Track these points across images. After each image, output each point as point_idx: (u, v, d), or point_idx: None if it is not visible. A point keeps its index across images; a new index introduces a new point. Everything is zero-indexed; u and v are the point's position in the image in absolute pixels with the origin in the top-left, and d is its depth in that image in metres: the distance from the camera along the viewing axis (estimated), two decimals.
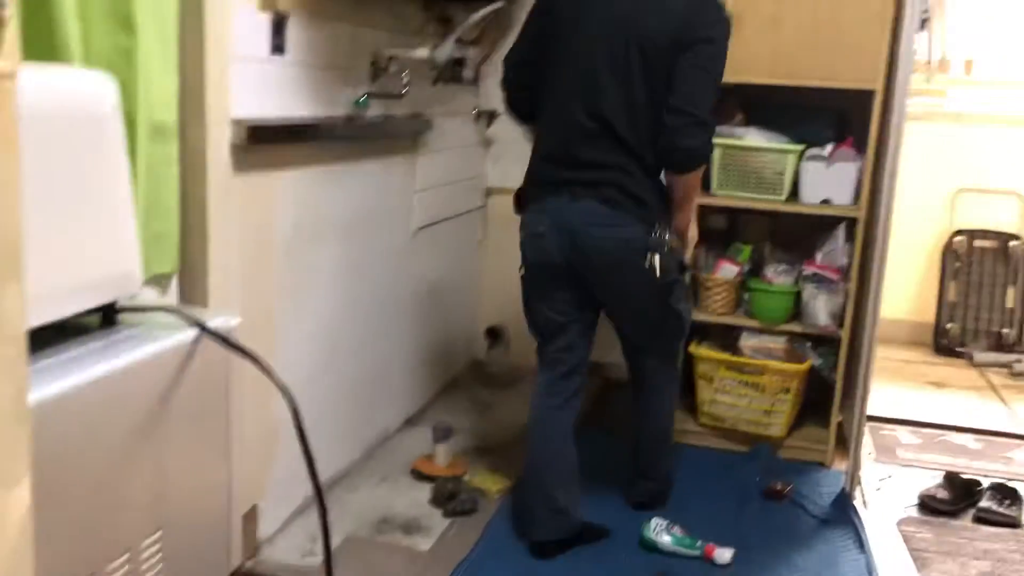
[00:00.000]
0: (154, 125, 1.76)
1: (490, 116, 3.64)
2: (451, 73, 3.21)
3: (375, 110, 2.70)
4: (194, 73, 1.88)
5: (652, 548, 2.41)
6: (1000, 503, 2.76)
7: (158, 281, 1.87)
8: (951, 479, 2.88)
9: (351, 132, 2.57)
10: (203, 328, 1.05)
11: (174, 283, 1.92)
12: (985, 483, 2.89)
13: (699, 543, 2.40)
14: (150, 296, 1.79)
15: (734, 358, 3.08)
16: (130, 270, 1.31)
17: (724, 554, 2.37)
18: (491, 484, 2.72)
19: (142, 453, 1.02)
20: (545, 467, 2.44)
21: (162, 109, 1.78)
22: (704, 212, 3.28)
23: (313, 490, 1.17)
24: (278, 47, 2.17)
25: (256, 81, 2.10)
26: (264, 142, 2.10)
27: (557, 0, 2.36)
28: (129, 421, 0.99)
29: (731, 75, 2.97)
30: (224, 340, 1.07)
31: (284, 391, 1.10)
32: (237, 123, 2.00)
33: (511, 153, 3.74)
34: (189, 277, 1.96)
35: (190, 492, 1.13)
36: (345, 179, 2.59)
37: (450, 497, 2.60)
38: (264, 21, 2.11)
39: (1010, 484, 2.87)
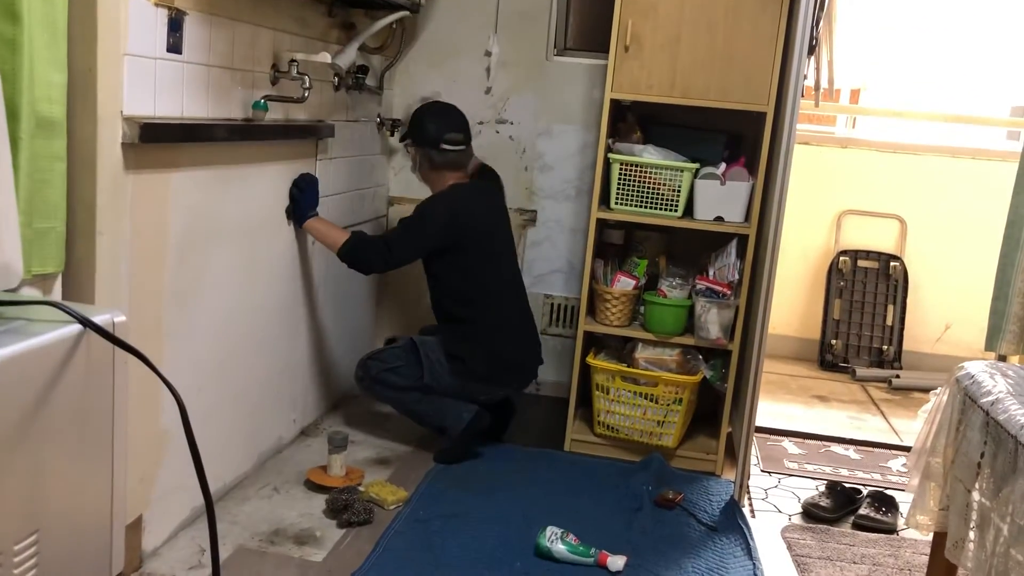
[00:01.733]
0: (40, 119, 1.70)
1: (393, 124, 3.63)
2: (354, 80, 3.20)
3: (275, 114, 2.66)
4: (84, 67, 1.83)
5: (547, 556, 2.43)
6: (878, 511, 2.89)
7: (42, 280, 1.80)
8: (833, 488, 2.99)
9: (249, 134, 2.52)
10: (86, 323, 1.02)
11: (58, 283, 1.85)
12: (864, 491, 3.01)
13: (593, 551, 2.43)
14: (32, 295, 1.72)
15: (629, 369, 3.14)
16: (9, 262, 1.25)
17: (617, 561, 2.41)
18: (387, 495, 2.69)
19: (17, 451, 0.98)
20: None
21: (49, 103, 1.72)
22: (602, 227, 3.36)
23: (202, 493, 1.14)
24: (174, 45, 2.12)
25: (150, 78, 2.04)
26: (157, 141, 2.04)
27: None
28: (3, 416, 0.94)
29: (630, 92, 3.07)
30: (108, 335, 1.04)
31: (171, 388, 1.07)
32: (129, 120, 1.94)
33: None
34: (75, 277, 1.90)
35: (70, 495, 1.08)
36: (242, 182, 2.54)
37: (344, 508, 2.57)
38: (160, 17, 2.06)
39: (887, 492, 3.00)
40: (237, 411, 2.67)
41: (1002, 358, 2.80)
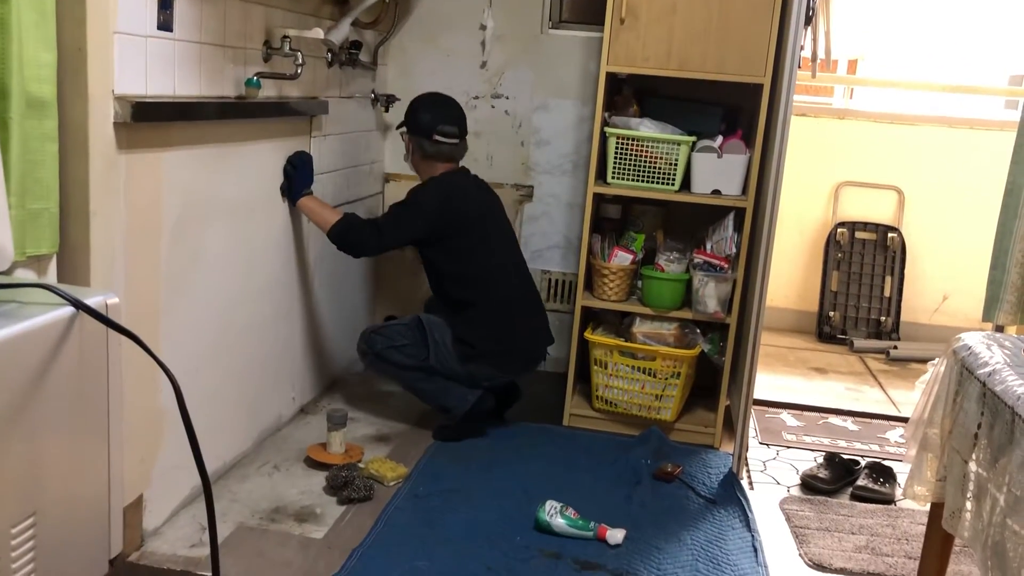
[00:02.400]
0: (30, 99, 1.69)
1: (388, 100, 3.61)
2: (348, 56, 3.17)
3: (268, 91, 2.64)
4: (74, 46, 1.81)
5: (547, 530, 2.44)
6: (875, 481, 2.90)
7: (37, 262, 1.79)
8: (831, 459, 3.01)
9: (242, 112, 2.51)
10: (79, 305, 1.01)
11: (53, 264, 1.84)
12: (862, 463, 3.03)
13: (592, 524, 2.44)
14: (27, 277, 1.72)
15: (627, 344, 3.14)
16: (0, 245, 1.24)
17: (616, 534, 2.42)
18: (387, 471, 2.70)
19: (11, 433, 0.98)
20: None
21: (39, 82, 1.71)
22: (599, 201, 3.35)
23: (199, 472, 1.14)
24: (165, 23, 2.10)
25: (141, 57, 2.02)
26: (150, 120, 2.03)
27: None
28: None
29: (626, 65, 3.05)
30: (101, 318, 1.03)
31: (164, 369, 1.07)
32: (121, 99, 1.92)
33: None
34: (70, 258, 1.89)
35: (67, 477, 1.08)
36: (236, 160, 2.53)
37: (344, 485, 2.58)
38: None
39: (885, 463, 3.01)
40: (235, 390, 2.67)
41: (999, 328, 2.80)
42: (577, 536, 2.43)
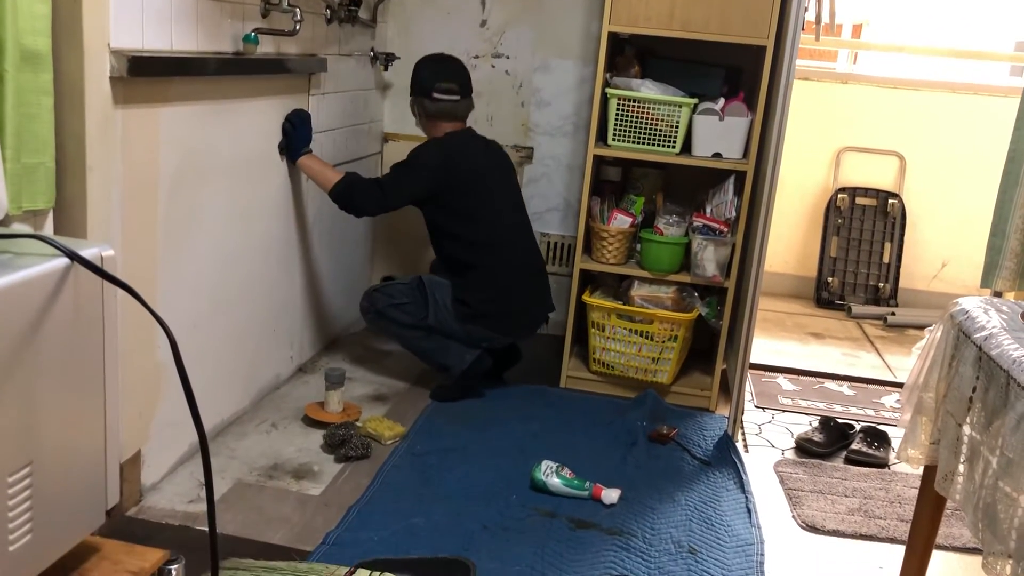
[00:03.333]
0: (24, 52, 1.67)
1: (387, 59, 3.57)
2: (347, 13, 3.14)
3: (266, 47, 2.61)
4: None
5: (542, 489, 2.46)
6: (870, 445, 2.92)
7: (33, 216, 1.79)
8: (826, 423, 3.02)
9: (240, 68, 2.48)
10: (74, 257, 1.01)
11: (50, 219, 1.84)
12: (857, 427, 3.04)
13: (587, 484, 2.46)
14: (24, 231, 1.71)
15: (625, 307, 3.15)
16: None
17: (611, 494, 2.44)
18: (384, 430, 2.72)
19: (7, 383, 0.98)
20: None
21: (33, 35, 1.69)
22: (599, 164, 3.33)
23: (195, 427, 1.15)
24: None
25: (137, 10, 2.00)
26: (147, 74, 2.01)
27: None
28: None
29: (628, 25, 3.02)
30: (96, 269, 1.03)
31: (161, 322, 1.06)
32: (117, 53, 1.90)
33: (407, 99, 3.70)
34: (67, 213, 1.88)
35: (63, 428, 1.09)
36: (234, 117, 2.51)
37: (342, 443, 2.59)
38: None
39: (880, 428, 3.03)
40: (234, 348, 2.68)
41: (998, 294, 2.80)
42: (572, 496, 2.44)
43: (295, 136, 2.83)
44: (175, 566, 1.25)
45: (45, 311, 0.99)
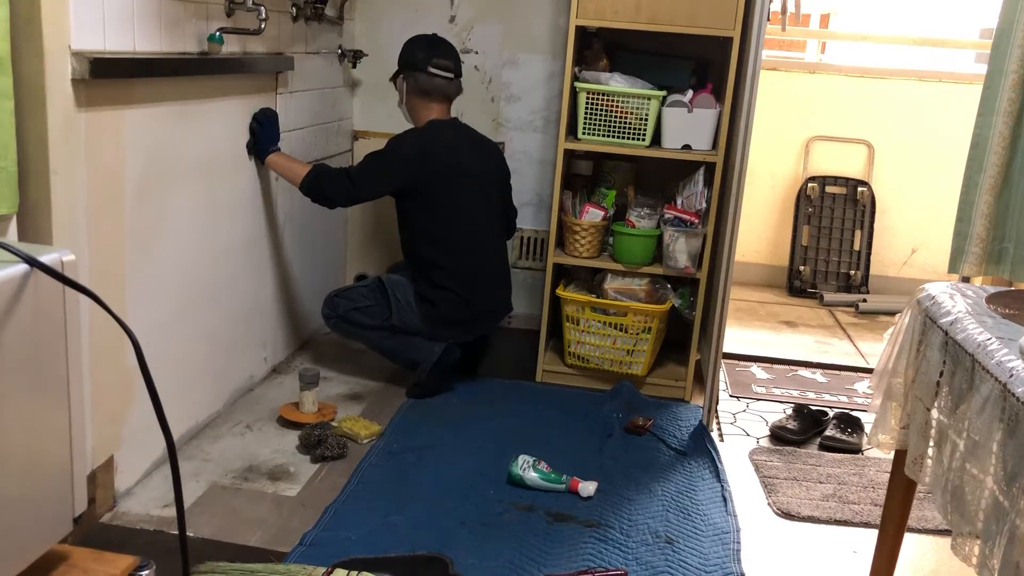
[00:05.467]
0: None
1: (355, 56, 3.56)
2: (313, 10, 3.12)
3: (231, 46, 2.59)
4: (27, 1, 1.76)
5: (520, 484, 2.46)
6: (843, 431, 2.95)
7: None
8: (800, 410, 3.05)
9: (205, 68, 2.46)
10: (33, 262, 1.00)
11: (13, 224, 1.82)
12: (831, 413, 3.07)
13: (564, 477, 2.47)
14: None
15: (599, 300, 3.15)
16: None
17: (588, 487, 2.45)
18: (360, 429, 2.71)
19: None
20: None
21: None
22: (570, 157, 3.33)
23: (162, 431, 1.14)
24: None
25: (98, 11, 1.98)
26: (109, 76, 1.99)
27: None
28: None
29: (595, 19, 3.02)
30: (56, 274, 1.02)
31: (123, 326, 1.05)
32: (78, 55, 1.88)
33: (376, 96, 3.69)
34: (31, 218, 1.86)
35: (26, 435, 1.07)
36: (200, 118, 2.49)
37: (318, 443, 2.58)
38: None
39: (853, 414, 3.06)
40: (206, 350, 2.66)
41: (965, 280, 2.84)
42: (550, 489, 2.45)
43: (262, 135, 2.81)
44: (146, 572, 1.24)
45: (4, 318, 0.98)
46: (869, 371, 3.64)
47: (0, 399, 1.00)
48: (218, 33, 2.46)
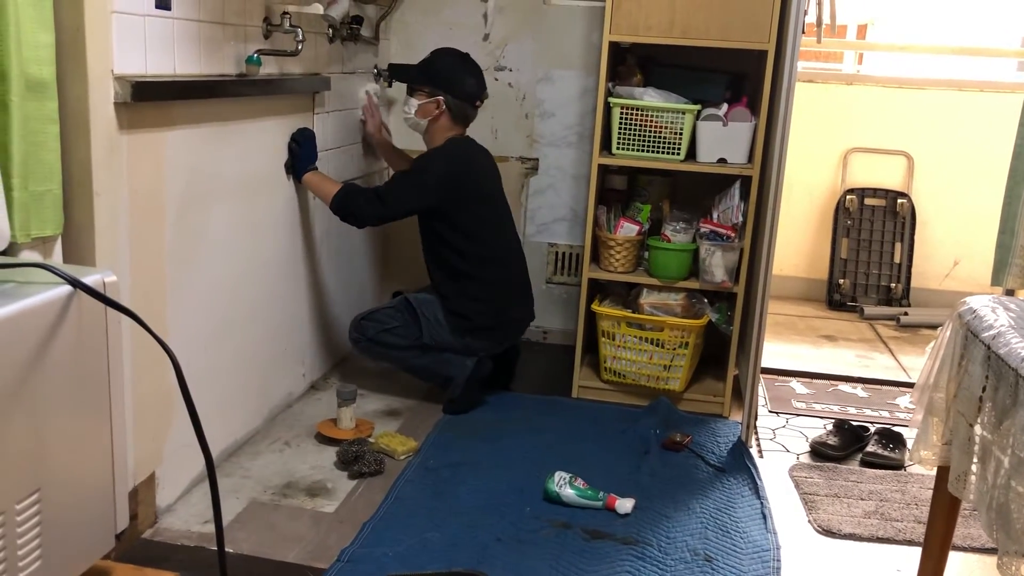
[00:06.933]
0: (29, 81, 1.69)
1: (391, 75, 3.58)
2: (349, 31, 3.16)
3: (269, 68, 2.63)
4: (72, 26, 1.81)
5: (556, 500, 2.45)
6: (885, 447, 2.90)
7: (42, 243, 1.80)
8: (840, 426, 3.01)
9: (244, 90, 2.50)
10: (77, 284, 1.02)
11: (59, 245, 1.85)
12: (872, 429, 3.03)
13: (601, 494, 2.45)
14: (32, 258, 1.73)
15: (634, 315, 3.14)
16: None
17: (625, 504, 2.43)
18: (397, 445, 2.72)
19: (13, 410, 0.99)
20: None
21: (38, 64, 1.71)
22: (604, 172, 3.33)
23: (201, 449, 1.15)
24: (163, 1, 2.09)
25: (139, 36, 2.02)
26: (150, 99, 2.03)
27: None
28: None
29: (629, 35, 3.03)
30: (98, 295, 1.04)
31: (163, 345, 1.07)
32: (120, 79, 1.92)
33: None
34: (75, 239, 1.90)
35: (70, 454, 1.10)
36: (239, 138, 2.53)
37: (355, 459, 2.60)
38: None
39: (895, 429, 3.01)
40: (245, 367, 2.69)
41: (1009, 292, 2.79)
42: (586, 506, 2.44)
43: (300, 155, 2.85)
44: None
45: (49, 339, 1.01)
46: (911, 386, 3.58)
47: (45, 417, 1.02)
48: (256, 55, 2.50)
